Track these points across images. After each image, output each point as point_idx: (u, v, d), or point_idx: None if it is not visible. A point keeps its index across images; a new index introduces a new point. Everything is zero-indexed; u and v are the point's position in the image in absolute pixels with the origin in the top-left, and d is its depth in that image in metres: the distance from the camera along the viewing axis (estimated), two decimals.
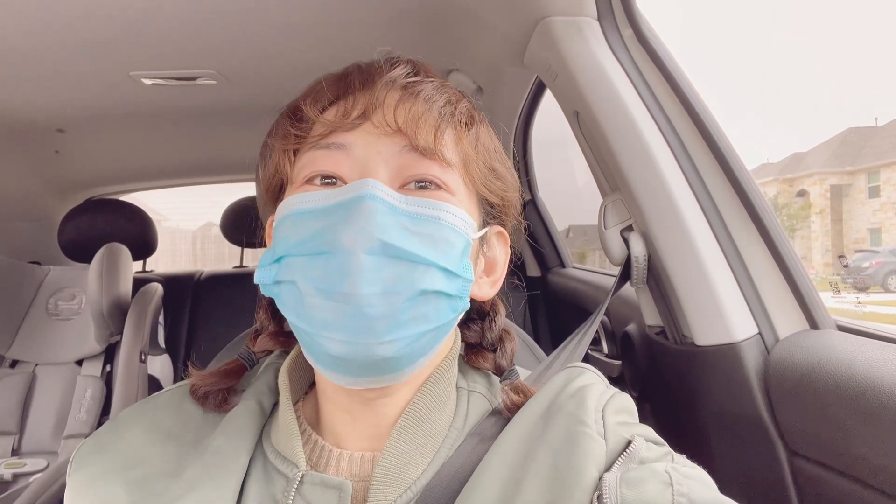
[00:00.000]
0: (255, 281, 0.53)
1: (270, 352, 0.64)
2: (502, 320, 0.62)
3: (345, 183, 0.50)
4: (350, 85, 0.53)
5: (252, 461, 0.54)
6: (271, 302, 0.61)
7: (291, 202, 0.51)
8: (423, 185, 0.51)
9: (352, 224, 0.46)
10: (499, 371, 0.60)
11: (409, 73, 0.54)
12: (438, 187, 0.51)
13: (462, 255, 0.52)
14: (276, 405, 0.59)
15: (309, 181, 0.52)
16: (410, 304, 0.48)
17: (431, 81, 0.54)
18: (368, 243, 0.46)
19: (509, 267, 0.61)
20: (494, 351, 0.61)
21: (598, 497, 0.45)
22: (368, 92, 0.52)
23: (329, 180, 0.51)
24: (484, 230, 0.57)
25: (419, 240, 0.48)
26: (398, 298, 0.47)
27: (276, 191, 0.57)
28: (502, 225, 0.60)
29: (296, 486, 0.50)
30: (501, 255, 0.60)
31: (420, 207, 0.49)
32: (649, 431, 0.52)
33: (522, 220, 0.63)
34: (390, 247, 0.47)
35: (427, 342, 0.51)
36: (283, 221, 0.51)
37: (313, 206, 0.49)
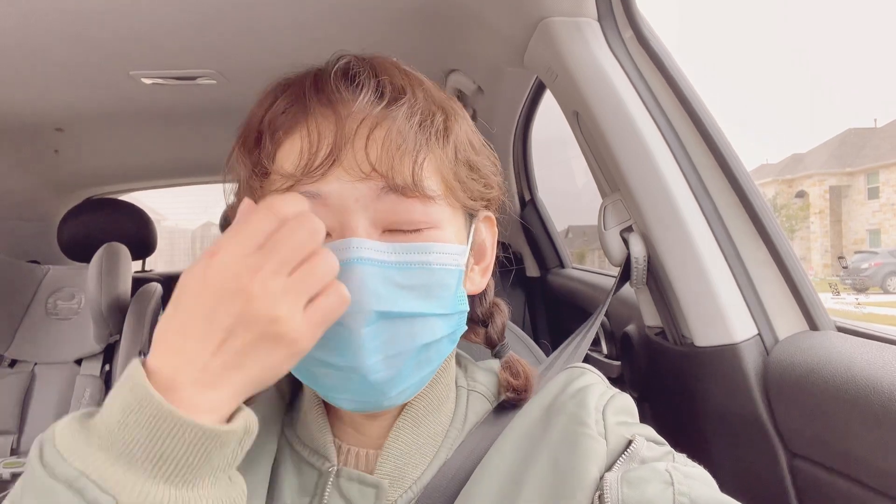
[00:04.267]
0: None
1: None
2: (492, 294, 0.62)
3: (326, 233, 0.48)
4: (307, 113, 0.49)
5: (278, 450, 0.54)
6: None
7: None
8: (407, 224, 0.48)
9: None
10: (490, 344, 0.61)
11: (374, 99, 0.49)
12: (424, 225, 0.49)
13: (456, 289, 0.51)
14: (293, 391, 0.60)
15: None
16: (413, 358, 0.48)
17: (402, 102, 0.49)
18: (365, 317, 0.45)
19: (498, 256, 0.61)
20: (486, 325, 0.61)
21: (600, 497, 0.45)
22: (331, 123, 0.48)
23: None
24: (471, 231, 0.55)
25: (413, 294, 0.47)
26: (401, 358, 0.47)
27: None
28: (487, 209, 0.58)
29: (331, 479, 0.51)
30: (489, 238, 0.59)
31: (408, 255, 0.47)
32: (650, 431, 0.52)
33: (508, 203, 0.62)
34: (386, 314, 0.46)
35: (430, 375, 0.52)
36: None
37: None
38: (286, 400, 0.59)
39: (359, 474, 0.51)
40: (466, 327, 0.54)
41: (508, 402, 0.56)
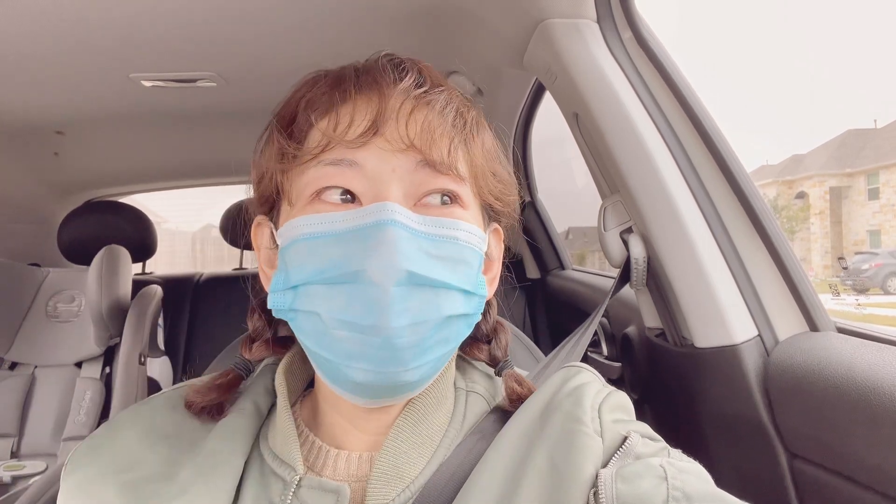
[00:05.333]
0: (269, 306, 0.52)
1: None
2: (496, 312, 0.63)
3: (357, 200, 0.49)
4: (351, 91, 0.51)
5: (249, 463, 0.54)
6: (263, 307, 0.58)
7: (301, 224, 0.49)
8: (439, 200, 0.50)
9: (376, 254, 0.45)
10: (494, 362, 0.61)
11: (417, 84, 0.52)
12: (453, 202, 0.51)
13: (478, 271, 0.52)
14: (272, 407, 0.59)
15: (317, 198, 0.49)
16: (436, 331, 0.48)
17: (441, 91, 0.53)
18: (396, 275, 0.45)
19: (504, 263, 0.61)
20: (489, 342, 0.61)
21: (595, 493, 0.45)
22: (375, 100, 0.50)
23: (343, 196, 0.49)
24: (487, 233, 0.56)
25: (441, 264, 0.48)
26: (426, 327, 0.47)
27: (269, 201, 0.56)
28: (497, 221, 0.60)
29: (293, 489, 0.50)
30: (496, 250, 0.60)
31: (438, 228, 0.49)
32: (645, 428, 0.52)
33: (518, 217, 0.63)
34: (416, 276, 0.46)
35: (445, 359, 0.52)
36: (295, 245, 0.49)
37: (329, 230, 0.48)
38: (263, 414, 0.58)
39: (319, 480, 0.51)
40: (481, 317, 0.55)
41: (511, 405, 0.56)
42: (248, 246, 2.77)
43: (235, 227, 2.52)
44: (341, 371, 0.48)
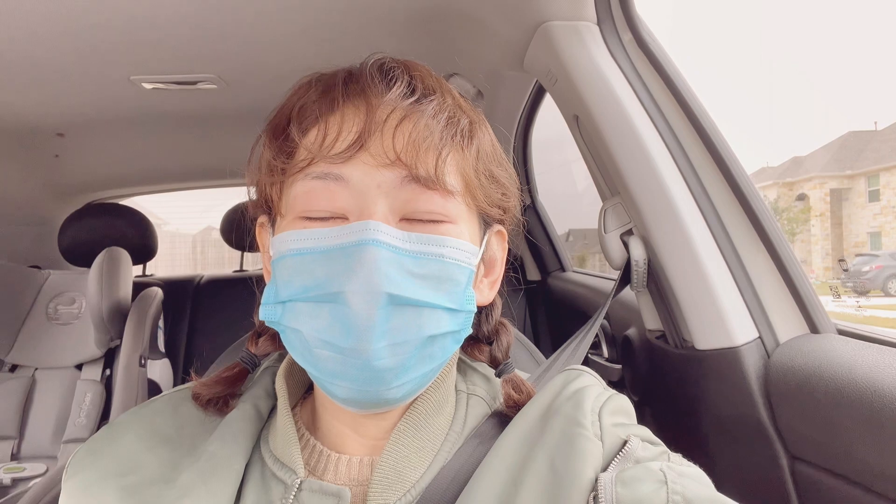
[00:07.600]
0: (261, 318, 0.52)
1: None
2: (498, 313, 0.62)
3: (343, 216, 0.49)
4: (339, 100, 0.50)
5: (250, 466, 0.54)
6: None
7: (289, 239, 0.49)
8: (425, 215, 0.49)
9: (356, 275, 0.45)
10: (494, 363, 0.60)
11: (406, 93, 0.50)
12: (441, 217, 0.50)
13: (465, 288, 0.51)
14: (273, 409, 0.59)
15: (305, 214, 0.49)
16: (418, 350, 0.48)
17: (431, 99, 0.51)
18: (375, 298, 0.45)
19: (507, 266, 0.61)
20: (490, 343, 0.61)
21: (594, 497, 0.45)
22: (362, 111, 0.49)
23: (327, 212, 0.49)
24: (484, 240, 0.56)
25: (424, 283, 0.47)
26: (407, 347, 0.47)
27: (265, 205, 0.56)
28: (501, 223, 0.59)
29: (294, 492, 0.50)
30: (500, 253, 0.60)
31: (423, 245, 0.48)
32: (645, 432, 0.52)
33: (522, 219, 0.62)
34: (397, 297, 0.46)
35: (432, 375, 0.52)
36: (283, 261, 0.49)
37: (313, 247, 0.47)
38: (264, 417, 0.58)
39: (320, 484, 0.51)
40: (472, 330, 0.54)
41: (508, 410, 0.56)
42: (249, 248, 2.79)
43: (236, 230, 2.52)
44: (326, 387, 0.49)
